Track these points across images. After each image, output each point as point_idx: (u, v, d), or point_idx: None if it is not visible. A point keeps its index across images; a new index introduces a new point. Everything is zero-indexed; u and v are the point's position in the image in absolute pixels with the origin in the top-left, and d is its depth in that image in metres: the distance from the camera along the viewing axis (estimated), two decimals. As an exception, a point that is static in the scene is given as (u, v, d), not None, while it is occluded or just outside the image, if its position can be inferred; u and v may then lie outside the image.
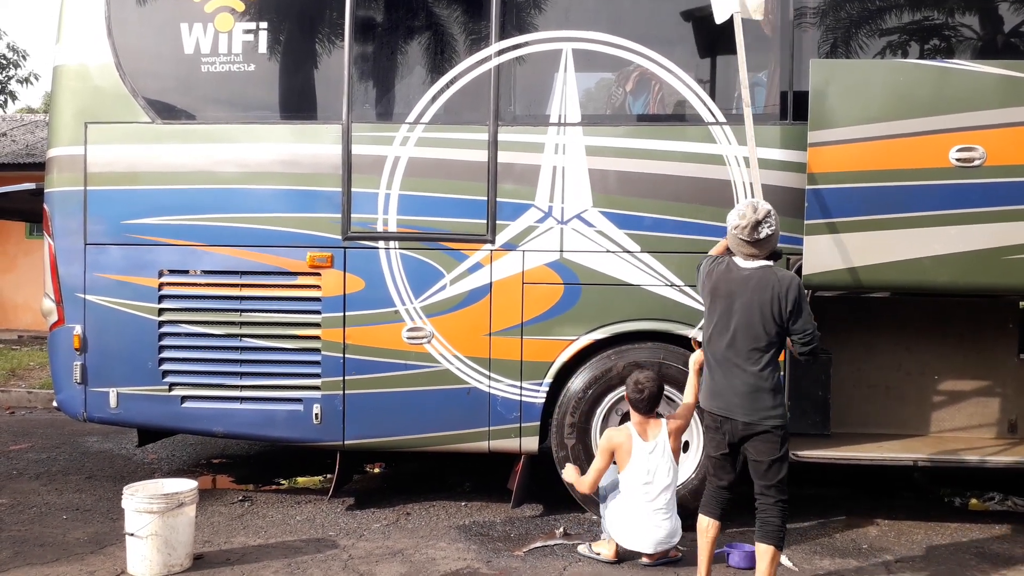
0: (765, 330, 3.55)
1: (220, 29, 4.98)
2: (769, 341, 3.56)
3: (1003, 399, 5.29)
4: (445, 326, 4.87)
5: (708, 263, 3.82)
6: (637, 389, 4.24)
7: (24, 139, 14.63)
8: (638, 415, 4.28)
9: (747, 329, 3.57)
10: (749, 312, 3.56)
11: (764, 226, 3.56)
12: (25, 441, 6.92)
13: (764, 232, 3.56)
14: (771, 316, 3.53)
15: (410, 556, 4.33)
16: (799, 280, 3.61)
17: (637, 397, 4.24)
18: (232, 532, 4.67)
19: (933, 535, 4.79)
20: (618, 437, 4.31)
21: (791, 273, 3.68)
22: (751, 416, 3.55)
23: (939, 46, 4.85)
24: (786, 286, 3.55)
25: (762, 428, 3.54)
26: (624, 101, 5.03)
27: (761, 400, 3.55)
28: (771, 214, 3.60)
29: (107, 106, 5.04)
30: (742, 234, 3.59)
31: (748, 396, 3.56)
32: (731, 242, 3.69)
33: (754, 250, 3.61)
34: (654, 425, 4.28)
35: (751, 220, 3.56)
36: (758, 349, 3.56)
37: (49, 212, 5.13)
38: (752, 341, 3.56)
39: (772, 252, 3.68)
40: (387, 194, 4.89)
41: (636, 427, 4.29)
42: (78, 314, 5.04)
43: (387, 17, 5.08)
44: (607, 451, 4.32)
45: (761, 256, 3.63)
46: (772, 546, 3.54)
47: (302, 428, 4.96)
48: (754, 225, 3.56)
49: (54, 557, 4.25)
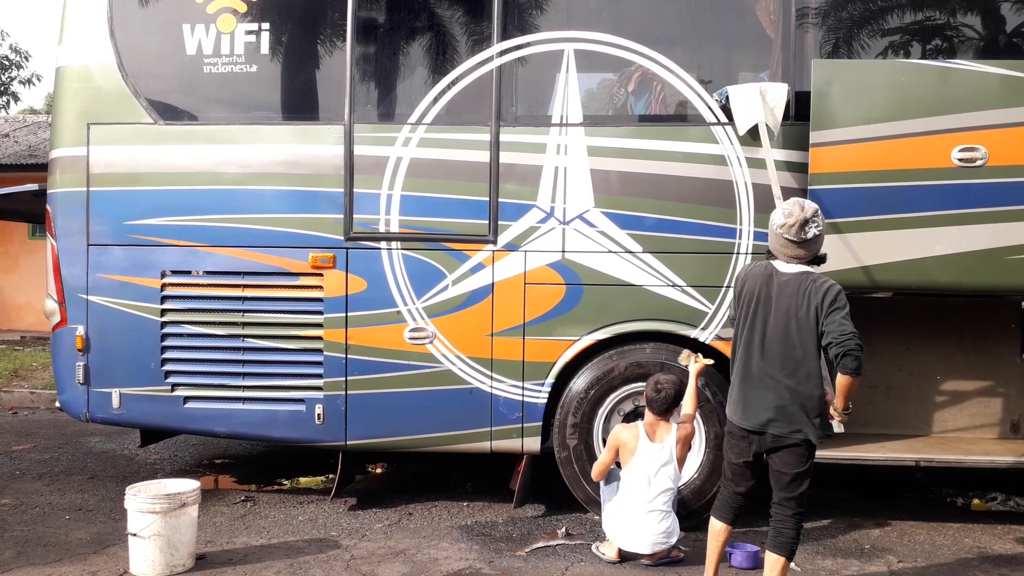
0: (800, 339, 3.35)
1: (222, 30, 4.99)
2: (805, 351, 3.35)
3: (1005, 399, 5.28)
4: (447, 326, 4.87)
5: (745, 267, 3.65)
6: (656, 388, 4.25)
7: (27, 140, 14.65)
8: (651, 415, 4.29)
9: (782, 338, 3.39)
10: (785, 320, 3.38)
11: (812, 225, 3.37)
12: (28, 441, 6.93)
13: (811, 232, 3.37)
14: (807, 324, 3.34)
15: (412, 556, 4.33)
16: (839, 287, 3.36)
17: (654, 396, 4.25)
18: (234, 532, 4.68)
19: (935, 535, 4.79)
20: (625, 434, 4.33)
21: (831, 280, 3.41)
22: (782, 429, 3.39)
23: (941, 46, 4.85)
24: (823, 290, 3.33)
25: (791, 442, 3.39)
26: (626, 101, 5.03)
27: (795, 415, 3.37)
28: (818, 213, 3.41)
29: (109, 107, 5.05)
30: (788, 233, 3.39)
31: (781, 410, 3.38)
32: (774, 242, 3.47)
33: (799, 251, 3.41)
34: (664, 428, 4.29)
35: (799, 218, 3.36)
36: (793, 359, 3.37)
37: (52, 213, 5.14)
38: (787, 351, 3.38)
39: (816, 256, 3.48)
40: (389, 195, 4.89)
41: (646, 426, 4.30)
42: (81, 315, 5.05)
43: (389, 18, 5.08)
44: (613, 446, 4.35)
45: (805, 259, 3.43)
46: (783, 557, 3.45)
47: (304, 428, 4.96)
48: (802, 224, 3.36)
49: (57, 557, 4.26)
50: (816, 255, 3.48)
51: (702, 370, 4.31)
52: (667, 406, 4.25)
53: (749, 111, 4.54)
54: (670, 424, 4.31)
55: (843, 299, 3.33)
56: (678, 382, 4.30)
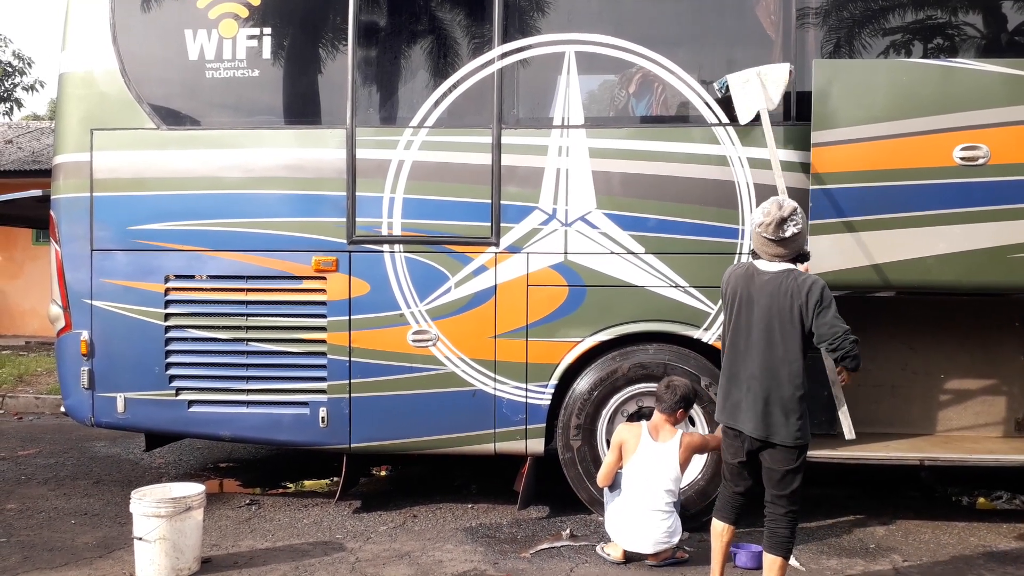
0: (783, 338, 3.36)
1: (224, 35, 5.01)
2: (787, 350, 3.35)
3: (1009, 397, 5.27)
4: (450, 329, 4.88)
5: (730, 268, 3.66)
6: (668, 386, 4.29)
7: (30, 146, 14.69)
8: (658, 413, 4.31)
9: (763, 338, 3.39)
10: (767, 319, 3.38)
11: (790, 224, 3.38)
12: (33, 446, 6.94)
13: (790, 230, 3.38)
14: (790, 323, 3.34)
15: (417, 558, 4.34)
16: (823, 283, 3.37)
17: (664, 393, 4.28)
18: (239, 536, 4.69)
19: (940, 534, 4.79)
20: (627, 433, 4.34)
21: (813, 276, 3.43)
22: (766, 433, 3.39)
23: (942, 45, 4.85)
24: (806, 289, 3.32)
25: (775, 441, 3.39)
26: (627, 103, 5.04)
27: (772, 415, 3.38)
28: (797, 211, 3.41)
29: (113, 112, 5.06)
30: (766, 232, 3.41)
31: (760, 411, 3.39)
32: (755, 241, 3.50)
33: (779, 250, 3.43)
34: (669, 430, 4.30)
35: (775, 217, 3.38)
36: (775, 359, 3.37)
37: (56, 218, 5.15)
38: (768, 351, 3.38)
39: (798, 254, 3.49)
40: (391, 198, 4.90)
41: (650, 426, 4.31)
42: (85, 320, 5.06)
43: (390, 21, 5.10)
44: (616, 446, 4.36)
45: (786, 257, 3.44)
46: (780, 557, 3.46)
47: (308, 431, 4.97)
48: (779, 222, 3.37)
49: (63, 562, 4.27)
50: (799, 252, 3.49)
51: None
52: (675, 404, 4.26)
53: (749, 99, 4.52)
54: (675, 428, 4.31)
55: (828, 295, 3.33)
56: (690, 384, 4.33)
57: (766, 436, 3.40)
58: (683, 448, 4.26)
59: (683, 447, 4.26)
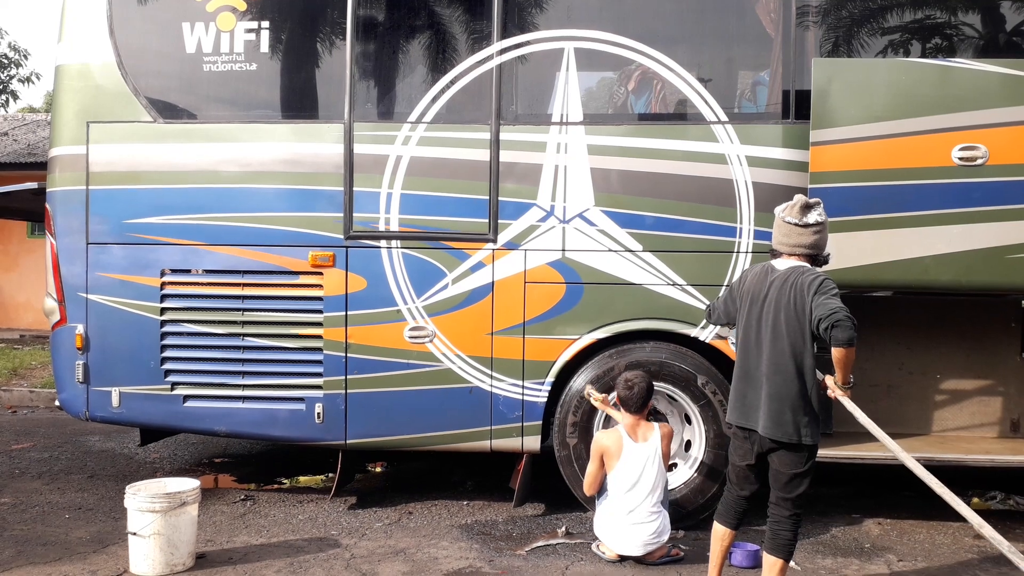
0: (788, 332, 3.32)
1: (222, 28, 4.98)
2: (794, 346, 3.32)
3: (1005, 398, 5.28)
4: (447, 325, 4.87)
5: (747, 268, 3.64)
6: (627, 386, 4.27)
7: (26, 138, 14.64)
8: (629, 415, 4.29)
9: (772, 335, 3.37)
10: (775, 315, 3.36)
11: (814, 211, 3.38)
12: (27, 440, 6.92)
13: (813, 217, 3.37)
14: (796, 318, 3.31)
15: (412, 555, 4.33)
16: (825, 276, 3.35)
17: (627, 395, 4.25)
18: (234, 531, 4.68)
19: (935, 534, 4.79)
20: (606, 440, 4.33)
21: (820, 272, 3.39)
22: (775, 432, 3.35)
23: (941, 45, 4.84)
24: (808, 282, 3.31)
25: (786, 441, 3.35)
26: (626, 100, 5.02)
27: (783, 414, 3.33)
28: (821, 203, 3.44)
29: (109, 105, 5.04)
30: (790, 215, 3.39)
31: (771, 409, 3.36)
32: (777, 233, 3.48)
33: (801, 239, 3.40)
34: (646, 427, 4.30)
35: (801, 201, 3.39)
36: (783, 356, 3.34)
37: (51, 211, 5.13)
38: (777, 347, 3.36)
39: (818, 254, 3.47)
40: (389, 193, 4.89)
41: (627, 428, 4.30)
42: (80, 313, 5.04)
43: (389, 16, 5.08)
44: (597, 455, 4.34)
45: (806, 251, 3.42)
46: (781, 559, 3.44)
47: (304, 427, 4.96)
48: (804, 206, 3.37)
49: (57, 556, 4.25)
50: (819, 252, 3.47)
51: (605, 401, 4.57)
52: (642, 402, 4.27)
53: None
54: (651, 424, 4.31)
55: (830, 285, 3.31)
56: (646, 376, 4.34)
57: (776, 435, 3.36)
58: (664, 439, 4.30)
59: (664, 438, 4.30)
